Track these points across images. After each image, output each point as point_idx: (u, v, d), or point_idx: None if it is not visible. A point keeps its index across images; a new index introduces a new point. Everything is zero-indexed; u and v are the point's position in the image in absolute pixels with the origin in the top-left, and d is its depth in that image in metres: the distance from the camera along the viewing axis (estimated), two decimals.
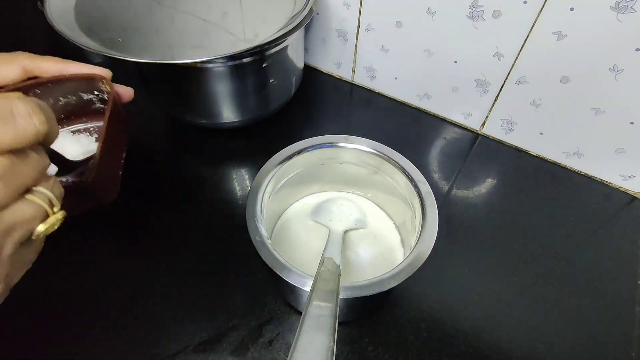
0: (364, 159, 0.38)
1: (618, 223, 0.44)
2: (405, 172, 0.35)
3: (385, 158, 0.36)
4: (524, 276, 0.39)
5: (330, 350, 0.21)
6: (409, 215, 0.35)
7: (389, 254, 0.38)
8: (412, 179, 0.34)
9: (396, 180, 0.37)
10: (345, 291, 0.27)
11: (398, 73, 0.54)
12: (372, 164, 0.38)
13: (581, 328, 0.36)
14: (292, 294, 0.34)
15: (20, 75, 0.30)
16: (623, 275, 0.39)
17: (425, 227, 0.31)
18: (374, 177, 0.39)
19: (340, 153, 0.38)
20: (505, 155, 0.51)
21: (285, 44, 0.45)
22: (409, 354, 0.33)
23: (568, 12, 0.38)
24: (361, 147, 0.37)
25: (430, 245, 0.29)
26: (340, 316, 0.35)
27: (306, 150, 0.37)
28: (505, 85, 0.47)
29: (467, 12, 0.44)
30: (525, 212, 0.45)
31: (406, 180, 0.35)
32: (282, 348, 0.33)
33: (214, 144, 0.50)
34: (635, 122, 0.41)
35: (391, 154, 0.36)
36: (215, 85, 0.44)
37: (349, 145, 0.37)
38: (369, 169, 0.38)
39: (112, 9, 0.45)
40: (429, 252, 0.29)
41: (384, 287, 0.27)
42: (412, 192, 0.34)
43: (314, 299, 0.25)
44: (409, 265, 0.28)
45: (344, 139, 0.37)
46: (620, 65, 0.39)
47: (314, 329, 0.22)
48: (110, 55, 0.37)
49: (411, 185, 0.34)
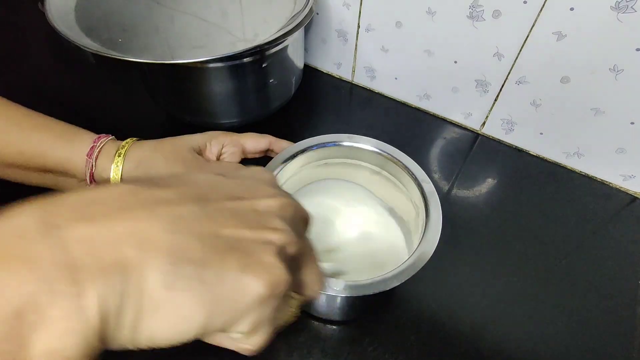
0: (368, 158, 0.38)
1: (618, 223, 0.44)
2: (410, 171, 0.35)
3: (389, 157, 0.36)
4: (524, 276, 0.39)
5: None
6: (413, 215, 0.35)
7: (391, 252, 0.38)
8: (416, 178, 0.34)
9: (400, 179, 0.36)
10: (348, 290, 0.27)
11: (398, 73, 0.54)
12: (376, 163, 0.38)
13: (581, 328, 0.36)
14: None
15: (266, 146, 0.37)
16: (623, 275, 0.39)
17: (429, 227, 0.31)
18: (377, 176, 0.39)
19: (344, 152, 0.38)
20: (505, 155, 0.51)
21: (285, 44, 0.45)
22: (410, 354, 0.33)
23: (568, 12, 0.38)
24: (365, 146, 0.37)
25: (434, 245, 0.29)
26: (342, 315, 0.35)
27: (310, 149, 0.37)
28: (505, 85, 0.47)
29: (467, 12, 0.44)
30: (525, 212, 0.45)
31: (410, 179, 0.35)
32: (283, 348, 0.33)
33: None
34: (635, 122, 0.41)
35: (395, 153, 0.36)
36: (215, 85, 0.44)
37: (353, 144, 0.37)
38: (372, 168, 0.38)
39: (113, 9, 0.45)
40: (432, 252, 0.29)
41: (387, 286, 0.27)
42: (416, 191, 0.34)
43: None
44: (412, 265, 0.28)
45: (348, 138, 0.37)
46: (620, 65, 0.39)
47: None
48: (110, 56, 0.37)
49: (415, 185, 0.34)
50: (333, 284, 0.27)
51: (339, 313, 0.35)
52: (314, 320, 0.35)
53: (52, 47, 0.63)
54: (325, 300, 0.32)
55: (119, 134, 0.35)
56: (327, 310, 0.34)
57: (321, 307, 0.34)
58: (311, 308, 0.34)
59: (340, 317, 0.35)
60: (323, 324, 0.35)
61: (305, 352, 0.33)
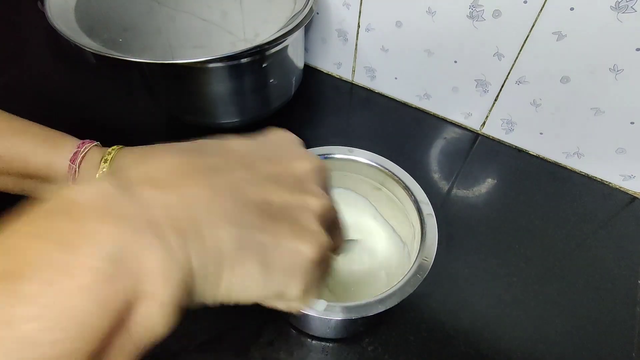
0: (368, 173, 0.37)
1: (618, 223, 0.44)
2: (409, 190, 0.34)
3: (389, 174, 0.36)
4: (524, 276, 0.39)
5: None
6: (410, 233, 0.35)
7: (389, 266, 0.37)
8: (416, 199, 0.34)
9: (399, 197, 0.36)
10: (346, 312, 0.27)
11: (398, 73, 0.54)
12: (375, 178, 0.37)
13: (581, 328, 0.36)
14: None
15: None
16: (623, 275, 0.40)
17: (423, 250, 0.30)
18: (377, 192, 0.38)
19: (344, 165, 0.37)
20: (505, 155, 0.51)
21: (285, 44, 0.45)
22: (409, 354, 0.33)
23: (568, 12, 0.38)
24: (365, 160, 0.36)
25: (426, 270, 0.29)
26: (339, 333, 0.35)
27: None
28: (505, 85, 0.47)
29: (467, 12, 0.44)
30: (525, 212, 0.45)
31: (409, 199, 0.34)
32: (283, 348, 0.33)
33: None
34: (635, 122, 0.41)
35: (396, 170, 0.35)
36: (216, 85, 0.44)
37: (352, 158, 0.36)
38: (372, 183, 0.38)
39: (113, 9, 0.45)
40: (424, 276, 0.29)
41: (369, 312, 0.27)
42: (414, 212, 0.33)
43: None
44: (402, 287, 0.28)
45: (348, 151, 0.37)
46: (620, 65, 0.39)
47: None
48: (110, 56, 0.37)
49: (413, 205, 0.33)
50: (317, 305, 0.27)
51: (328, 333, 0.35)
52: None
53: (52, 47, 0.63)
54: (312, 321, 0.32)
55: (118, 134, 0.35)
56: (315, 329, 0.34)
57: (311, 327, 0.34)
58: (305, 327, 0.34)
59: (327, 336, 0.35)
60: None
61: (305, 351, 0.34)
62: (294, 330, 0.35)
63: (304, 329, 0.34)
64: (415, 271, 0.29)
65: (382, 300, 0.27)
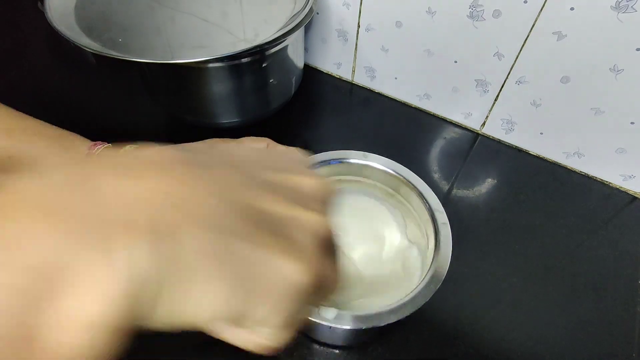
0: (382, 179, 0.36)
1: (618, 223, 0.44)
2: (423, 198, 0.33)
3: (403, 181, 0.35)
4: (524, 276, 0.39)
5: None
6: (424, 241, 0.34)
7: (404, 270, 0.36)
8: (430, 207, 0.33)
9: (413, 205, 0.35)
10: (357, 322, 0.26)
11: (398, 73, 0.54)
12: (390, 184, 0.36)
13: (581, 328, 0.36)
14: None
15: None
16: (623, 275, 0.39)
17: (437, 260, 0.29)
18: (390, 198, 0.37)
19: (358, 170, 0.37)
20: (505, 155, 0.51)
21: (285, 43, 0.45)
22: (410, 354, 0.33)
23: (568, 12, 0.38)
24: (380, 166, 0.36)
25: (439, 281, 0.28)
26: (346, 341, 0.34)
27: (326, 164, 0.35)
28: (505, 85, 0.47)
29: (467, 12, 0.44)
30: (525, 212, 0.45)
31: (423, 207, 0.33)
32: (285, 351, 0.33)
33: None
34: (635, 122, 0.41)
35: (411, 177, 0.35)
36: (216, 85, 0.44)
37: (367, 163, 0.36)
38: (386, 189, 0.37)
39: (113, 9, 0.45)
40: (437, 286, 0.28)
41: (392, 319, 0.27)
42: (429, 220, 0.32)
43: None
44: (414, 297, 0.28)
45: (363, 156, 0.36)
46: (620, 65, 0.39)
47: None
48: (110, 56, 0.37)
49: (428, 214, 0.33)
50: (327, 313, 0.26)
51: (336, 339, 0.34)
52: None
53: (52, 47, 0.63)
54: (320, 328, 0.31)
55: (118, 134, 0.35)
56: (322, 336, 0.34)
57: (318, 334, 0.34)
58: (312, 333, 0.34)
59: (334, 343, 0.35)
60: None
61: (305, 351, 0.34)
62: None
63: (309, 334, 0.34)
64: (428, 281, 0.28)
65: (394, 310, 0.27)
